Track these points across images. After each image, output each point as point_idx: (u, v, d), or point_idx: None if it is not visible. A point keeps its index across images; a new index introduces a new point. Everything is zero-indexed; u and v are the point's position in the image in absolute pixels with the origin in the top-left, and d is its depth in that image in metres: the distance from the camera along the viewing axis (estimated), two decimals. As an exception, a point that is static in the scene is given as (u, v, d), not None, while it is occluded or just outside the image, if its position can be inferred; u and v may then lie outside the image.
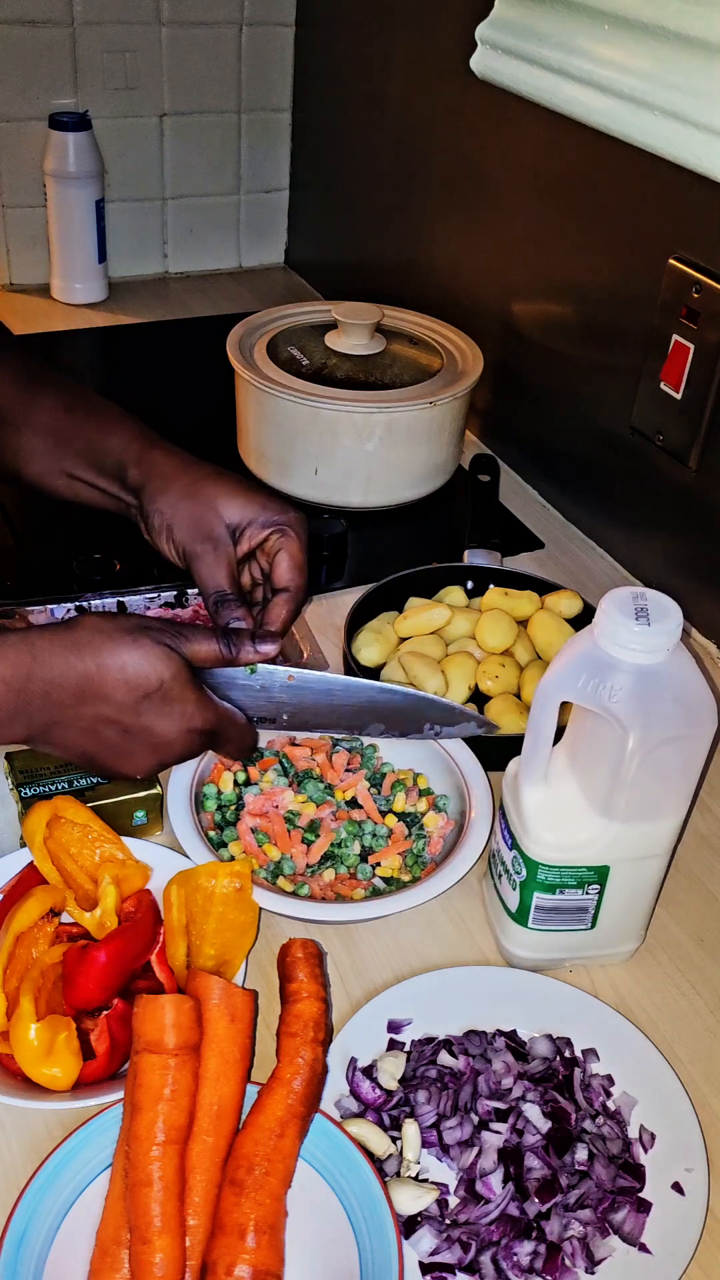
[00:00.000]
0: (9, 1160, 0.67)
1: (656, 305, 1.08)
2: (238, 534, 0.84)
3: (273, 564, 0.85)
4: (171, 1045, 0.64)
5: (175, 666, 0.74)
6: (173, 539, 0.84)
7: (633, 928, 0.80)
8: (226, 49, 1.68)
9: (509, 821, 0.76)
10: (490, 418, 1.42)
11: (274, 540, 0.85)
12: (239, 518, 0.84)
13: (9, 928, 0.72)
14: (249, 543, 0.85)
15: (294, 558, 0.85)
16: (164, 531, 0.84)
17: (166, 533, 0.84)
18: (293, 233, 1.87)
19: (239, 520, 0.84)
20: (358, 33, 1.55)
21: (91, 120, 1.61)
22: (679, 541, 1.14)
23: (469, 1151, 0.67)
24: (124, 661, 0.73)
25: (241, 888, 0.76)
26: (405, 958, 0.80)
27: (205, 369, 1.38)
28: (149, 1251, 0.59)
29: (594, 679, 0.67)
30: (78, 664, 0.72)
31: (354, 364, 1.27)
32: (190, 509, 0.83)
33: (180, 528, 0.83)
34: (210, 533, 0.83)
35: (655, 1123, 0.70)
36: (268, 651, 0.79)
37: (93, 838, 0.79)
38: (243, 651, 0.78)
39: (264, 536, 0.85)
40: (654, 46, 0.93)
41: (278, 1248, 0.61)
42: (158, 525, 0.85)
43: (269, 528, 0.84)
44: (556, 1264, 0.63)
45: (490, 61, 1.12)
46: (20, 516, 1.20)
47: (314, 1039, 0.67)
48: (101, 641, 0.73)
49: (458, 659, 0.99)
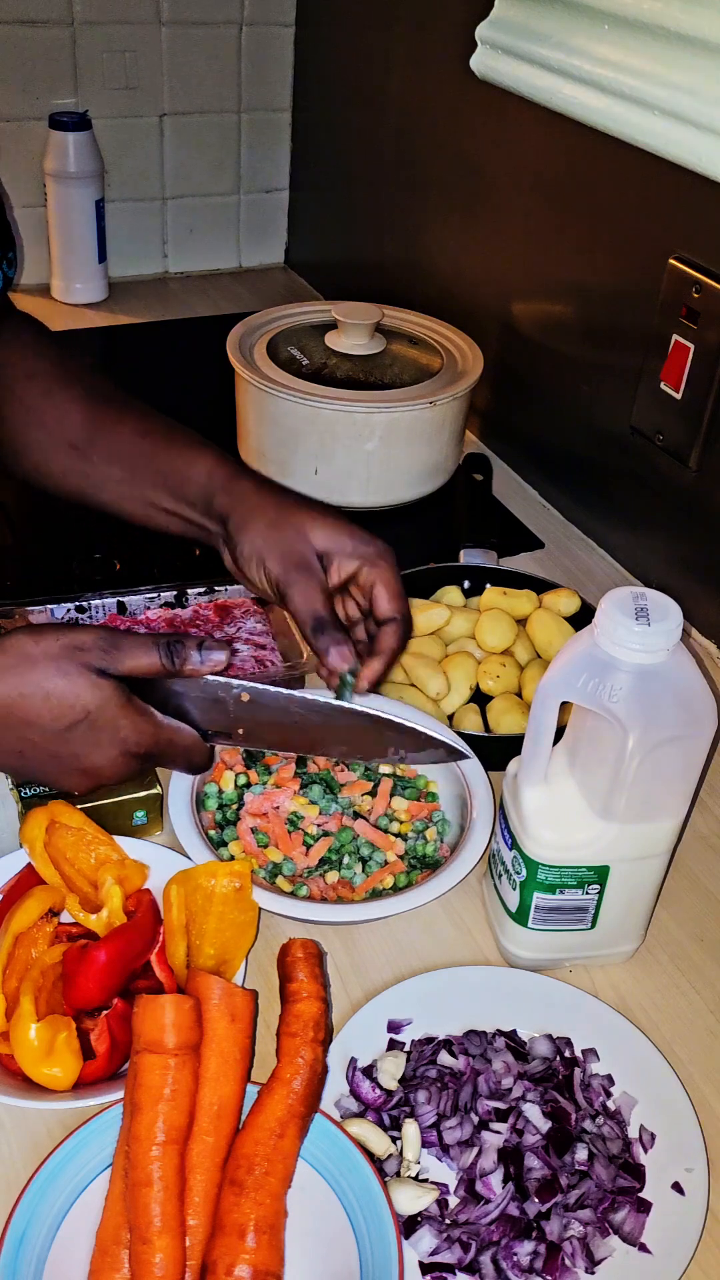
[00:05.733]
0: (9, 1160, 0.67)
1: (656, 305, 1.08)
2: (327, 563, 0.83)
3: (372, 597, 0.83)
4: (171, 1045, 0.64)
5: (103, 694, 0.71)
6: (264, 569, 0.82)
7: (633, 928, 0.80)
8: (226, 49, 1.68)
9: (509, 821, 0.76)
10: (490, 418, 1.42)
11: (366, 573, 0.83)
12: (328, 545, 0.83)
13: (9, 928, 0.72)
14: (339, 574, 0.83)
15: (390, 586, 0.83)
16: (254, 561, 0.83)
17: (257, 562, 0.82)
18: (293, 233, 1.87)
19: (328, 547, 0.83)
20: (357, 33, 1.55)
21: (91, 120, 1.61)
22: (679, 541, 1.14)
23: (469, 1151, 0.67)
24: (48, 690, 0.70)
25: (241, 887, 0.76)
26: (405, 958, 0.80)
27: (205, 369, 1.38)
28: (149, 1251, 0.59)
29: (594, 679, 0.67)
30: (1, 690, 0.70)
31: (354, 364, 1.27)
32: (280, 539, 0.82)
33: (272, 558, 0.82)
34: (302, 560, 0.81)
35: (655, 1123, 0.70)
36: (217, 660, 0.75)
37: (88, 841, 0.79)
38: (188, 664, 0.74)
39: (354, 569, 0.83)
40: (654, 46, 0.93)
41: (278, 1248, 0.61)
42: (247, 554, 0.83)
43: (358, 558, 0.83)
44: (556, 1264, 0.63)
45: (490, 61, 1.13)
46: (20, 516, 1.20)
47: (314, 1039, 0.67)
48: (25, 669, 0.70)
49: (458, 659, 0.99)
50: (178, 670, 0.74)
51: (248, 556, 0.83)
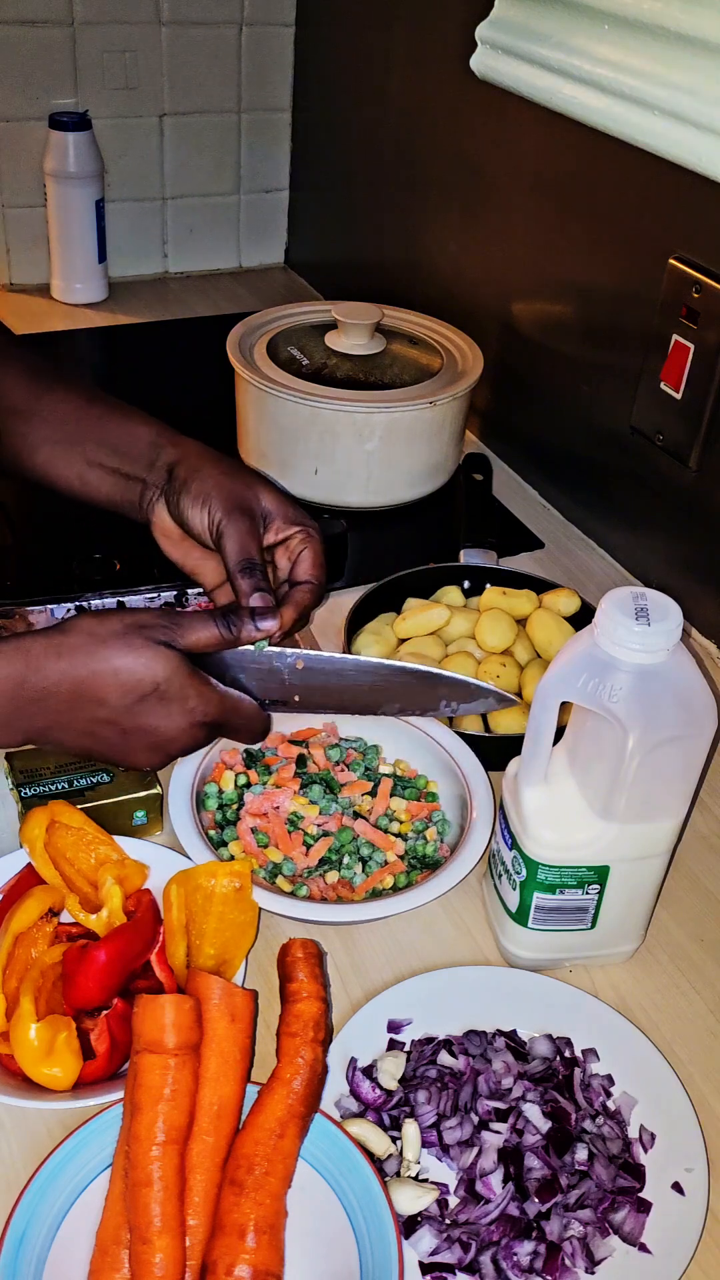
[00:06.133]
0: (9, 1160, 0.67)
1: (656, 305, 1.08)
2: (266, 524, 0.86)
3: (296, 560, 0.86)
4: (171, 1045, 0.64)
5: (171, 665, 0.74)
6: (209, 508, 0.84)
7: (633, 928, 0.80)
8: (226, 49, 1.68)
9: (509, 821, 0.76)
10: (490, 418, 1.42)
11: (298, 539, 0.86)
12: (271, 506, 0.86)
13: (9, 928, 0.72)
14: (275, 534, 0.86)
15: (317, 556, 0.86)
16: (200, 500, 0.84)
17: (204, 501, 0.84)
18: (293, 233, 1.87)
19: (271, 509, 0.86)
20: (357, 33, 1.55)
21: (91, 120, 1.61)
22: (679, 541, 1.14)
23: (469, 1151, 0.67)
24: (116, 666, 0.73)
25: (241, 887, 0.76)
26: (405, 958, 0.80)
27: (205, 369, 1.37)
28: (149, 1251, 0.59)
29: (594, 679, 0.67)
30: (70, 670, 0.72)
31: (354, 364, 1.27)
32: (231, 485, 0.84)
33: (218, 498, 0.84)
34: (247, 507, 0.84)
35: (655, 1123, 0.70)
36: (269, 627, 0.79)
37: (88, 841, 0.79)
38: (244, 630, 0.78)
39: (290, 533, 0.86)
40: (654, 46, 0.93)
41: (278, 1248, 0.61)
42: (195, 493, 0.84)
43: (295, 525, 0.86)
44: (556, 1264, 0.63)
45: (490, 61, 1.13)
46: (20, 516, 1.20)
47: (314, 1039, 0.67)
48: (94, 646, 0.73)
49: (458, 659, 0.99)
50: (235, 638, 0.77)
51: (196, 495, 0.84)
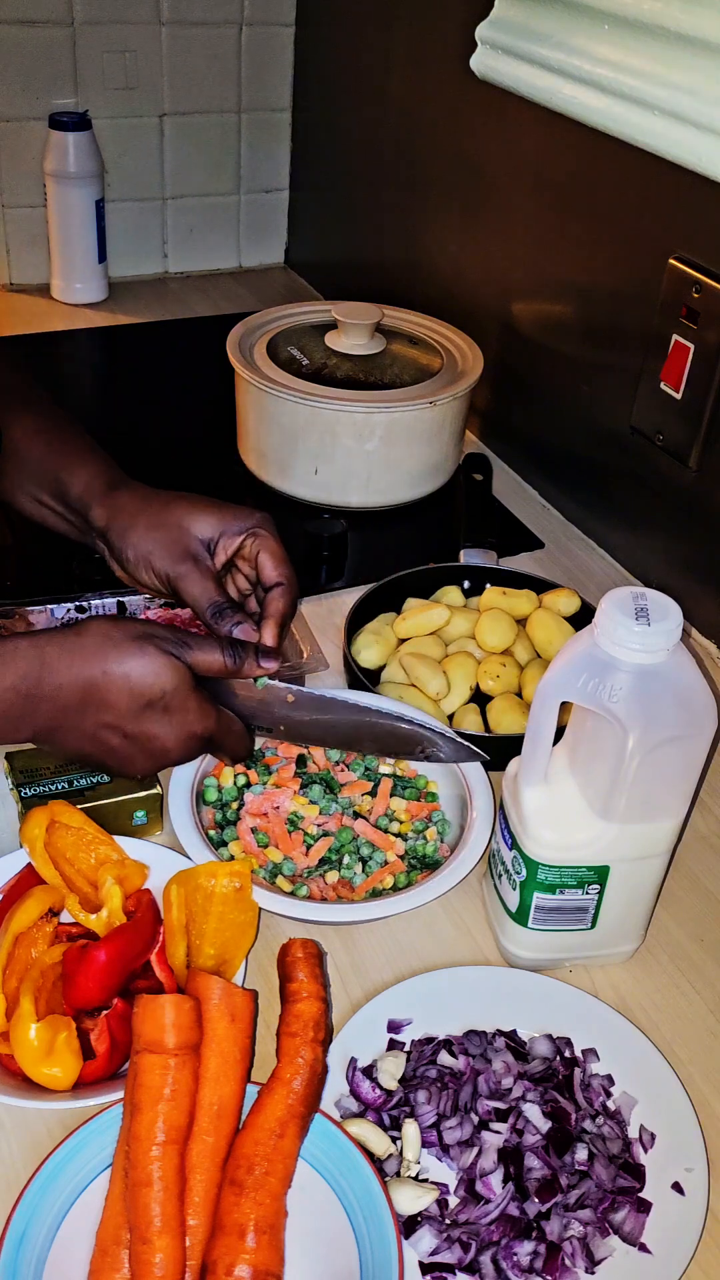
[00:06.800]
0: (9, 1160, 0.67)
1: (656, 305, 1.08)
2: (213, 547, 0.86)
3: (257, 566, 0.86)
4: (171, 1045, 0.64)
5: (179, 677, 0.75)
6: (152, 569, 0.85)
7: (633, 928, 0.80)
8: (226, 49, 1.68)
9: (509, 821, 0.76)
10: (490, 418, 1.42)
11: (249, 544, 0.86)
12: (210, 532, 0.85)
13: (9, 928, 0.72)
14: (225, 553, 0.86)
15: (274, 554, 0.86)
16: (141, 565, 0.85)
17: (145, 565, 0.85)
18: (293, 233, 1.87)
19: (211, 534, 0.85)
20: (357, 33, 1.55)
21: (91, 120, 1.61)
22: (679, 541, 1.14)
23: (469, 1151, 0.67)
24: (128, 670, 0.74)
25: (241, 887, 0.76)
26: (405, 958, 0.80)
27: (205, 369, 1.38)
28: (149, 1251, 0.59)
29: (594, 679, 0.67)
30: (84, 671, 0.73)
31: (354, 364, 1.27)
32: (163, 537, 0.85)
33: (158, 557, 0.84)
34: (187, 552, 0.84)
35: (655, 1123, 0.70)
36: (270, 667, 0.80)
37: (88, 841, 0.79)
38: (247, 664, 0.79)
39: (238, 544, 0.86)
40: (654, 46, 0.93)
41: (278, 1248, 0.61)
42: (133, 559, 0.85)
43: (241, 534, 0.86)
44: (556, 1264, 0.63)
45: (490, 61, 1.13)
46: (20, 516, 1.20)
47: (314, 1039, 0.67)
48: (108, 649, 0.74)
49: (458, 659, 0.99)
50: (238, 670, 0.79)
51: (134, 561, 0.85)
